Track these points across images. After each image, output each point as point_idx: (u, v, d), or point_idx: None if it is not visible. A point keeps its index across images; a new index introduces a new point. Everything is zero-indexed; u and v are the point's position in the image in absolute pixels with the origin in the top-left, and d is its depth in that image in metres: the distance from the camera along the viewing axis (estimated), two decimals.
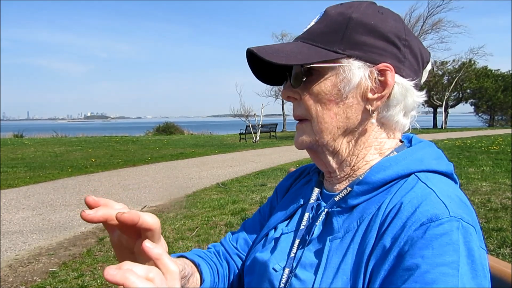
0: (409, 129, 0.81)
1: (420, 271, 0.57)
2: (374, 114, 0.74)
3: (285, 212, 0.86)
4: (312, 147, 0.78)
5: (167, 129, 32.82)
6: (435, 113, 40.39)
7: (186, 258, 0.86)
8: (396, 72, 0.72)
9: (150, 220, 0.57)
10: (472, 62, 37.37)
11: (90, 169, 10.78)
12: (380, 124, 0.76)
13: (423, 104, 0.80)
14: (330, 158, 0.78)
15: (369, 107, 0.73)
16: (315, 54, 0.71)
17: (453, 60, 37.47)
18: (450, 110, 42.03)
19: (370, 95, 0.73)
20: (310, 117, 0.75)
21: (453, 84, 36.25)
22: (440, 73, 38.31)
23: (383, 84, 0.72)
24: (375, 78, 0.72)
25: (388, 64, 0.71)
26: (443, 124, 36.31)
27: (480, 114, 46.71)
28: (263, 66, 0.81)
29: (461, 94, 41.56)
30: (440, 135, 22.37)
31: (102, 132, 36.67)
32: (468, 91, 41.87)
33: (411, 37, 0.75)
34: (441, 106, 37.11)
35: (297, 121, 0.79)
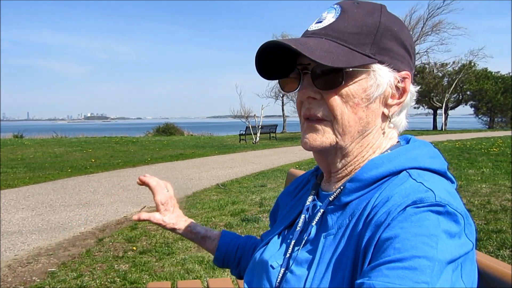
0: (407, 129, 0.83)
1: (400, 238, 0.57)
2: (390, 119, 0.76)
3: (288, 219, 0.88)
4: (326, 150, 0.76)
5: (167, 130, 32.81)
6: (435, 114, 40.37)
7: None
8: (411, 80, 0.76)
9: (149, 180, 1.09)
10: (472, 64, 37.33)
11: (90, 169, 10.78)
12: (390, 127, 0.78)
13: (423, 106, 0.82)
14: (338, 159, 0.77)
15: (386, 111, 0.75)
16: (352, 57, 0.70)
17: (453, 62, 37.45)
18: (450, 112, 42.01)
19: (390, 101, 0.75)
20: (333, 118, 0.73)
21: (453, 86, 36.20)
22: (440, 74, 38.30)
23: (402, 91, 0.75)
24: (396, 85, 0.74)
25: (408, 72, 0.75)
26: (443, 126, 36.29)
27: (480, 116, 46.66)
28: (270, 60, 0.77)
29: (461, 96, 41.53)
30: (440, 136, 22.37)
31: (102, 133, 36.65)
32: (468, 93, 41.83)
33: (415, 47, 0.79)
34: (441, 107, 37.08)
35: (311, 120, 0.75)
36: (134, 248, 4.39)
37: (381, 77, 0.72)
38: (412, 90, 0.77)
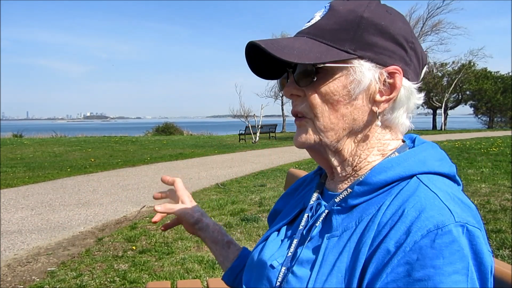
0: (410, 129, 0.81)
1: (434, 282, 0.57)
2: (379, 116, 0.73)
3: (289, 216, 0.86)
4: (314, 147, 0.76)
5: (166, 129, 32.80)
6: (434, 114, 40.41)
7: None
8: (403, 75, 0.72)
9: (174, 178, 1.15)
10: (472, 63, 37.43)
11: (89, 169, 10.77)
12: (384, 126, 0.75)
13: (422, 106, 0.80)
14: (331, 157, 0.77)
15: (375, 109, 0.73)
16: (327, 53, 0.69)
17: (453, 62, 37.57)
18: (449, 112, 42.07)
19: (378, 97, 0.72)
20: (313, 116, 0.73)
21: (452, 86, 36.27)
22: (440, 74, 38.37)
23: (391, 87, 0.71)
24: (384, 81, 0.71)
25: (397, 67, 0.71)
26: (443, 126, 36.35)
27: (479, 116, 46.72)
28: (261, 60, 0.78)
29: (460, 96, 41.58)
30: (440, 136, 22.38)
31: (101, 132, 36.64)
32: (468, 92, 41.90)
33: (415, 40, 0.75)
34: (440, 107, 37.13)
35: (297, 118, 0.76)
36: (134, 247, 4.39)
37: (362, 73, 0.70)
38: (408, 85, 0.73)
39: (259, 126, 22.52)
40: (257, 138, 21.48)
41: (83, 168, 10.88)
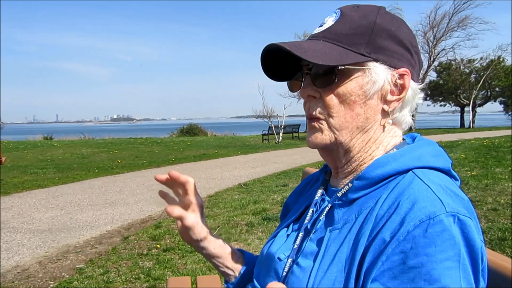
0: (411, 128, 0.85)
1: (427, 268, 0.60)
2: (390, 115, 0.79)
3: (296, 213, 0.92)
4: (328, 147, 0.80)
5: (190, 130, 33.12)
6: (462, 112, 39.45)
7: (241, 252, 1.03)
8: (410, 77, 0.78)
9: (187, 178, 0.91)
10: (501, 59, 36.30)
11: (116, 170, 11.03)
12: (391, 123, 0.81)
13: (449, 103, 0.84)
14: (341, 155, 0.81)
15: (386, 108, 0.78)
16: (346, 56, 0.74)
17: (481, 58, 36.55)
18: (478, 109, 40.90)
19: (389, 97, 0.78)
20: (329, 116, 0.77)
21: (480, 83, 35.31)
22: (467, 71, 37.39)
23: (401, 87, 0.78)
24: (395, 81, 0.77)
25: (407, 69, 0.77)
26: (471, 124, 35.42)
27: (509, 113, 45.24)
28: (275, 62, 0.83)
29: (489, 93, 40.37)
30: (468, 134, 21.82)
31: (127, 134, 37.31)
32: (497, 89, 40.62)
33: (417, 45, 0.82)
34: (468, 105, 36.22)
35: (312, 120, 0.80)
36: (158, 246, 4.50)
37: (377, 74, 0.75)
38: (414, 86, 0.79)
39: (282, 126, 22.47)
40: (280, 138, 21.46)
41: (109, 169, 11.16)
